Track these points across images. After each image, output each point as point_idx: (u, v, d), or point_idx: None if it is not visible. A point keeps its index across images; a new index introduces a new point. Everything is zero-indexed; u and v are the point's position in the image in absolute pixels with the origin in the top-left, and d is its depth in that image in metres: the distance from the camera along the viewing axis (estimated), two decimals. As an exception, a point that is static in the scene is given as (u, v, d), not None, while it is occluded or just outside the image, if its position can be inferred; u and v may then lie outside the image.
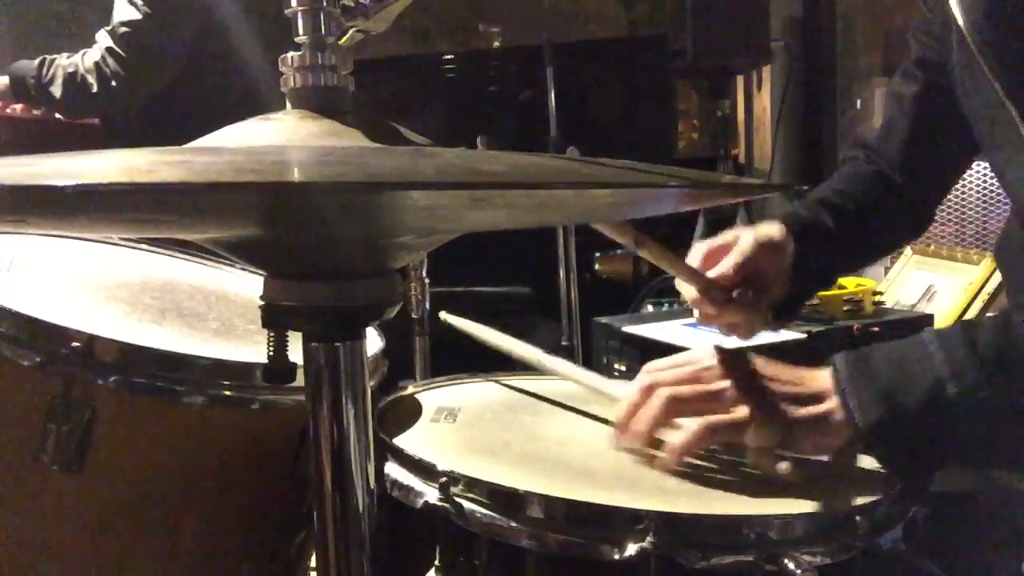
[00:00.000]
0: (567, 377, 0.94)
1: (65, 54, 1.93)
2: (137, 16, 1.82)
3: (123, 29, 1.83)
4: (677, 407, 0.76)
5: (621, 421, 0.79)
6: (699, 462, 0.76)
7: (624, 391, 0.81)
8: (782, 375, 0.78)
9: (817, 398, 0.75)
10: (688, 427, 0.74)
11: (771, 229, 0.99)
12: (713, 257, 0.96)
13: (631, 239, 0.87)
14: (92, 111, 2.01)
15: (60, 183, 0.35)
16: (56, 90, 1.90)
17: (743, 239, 0.97)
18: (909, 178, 1.10)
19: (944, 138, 1.04)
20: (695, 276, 0.93)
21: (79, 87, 1.87)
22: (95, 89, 1.86)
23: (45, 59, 1.93)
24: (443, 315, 1.07)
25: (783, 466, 0.71)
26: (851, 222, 1.07)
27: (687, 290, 0.96)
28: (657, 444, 0.76)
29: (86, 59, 1.87)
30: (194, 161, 0.43)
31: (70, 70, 1.88)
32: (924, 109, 1.06)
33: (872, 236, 1.12)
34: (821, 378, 0.77)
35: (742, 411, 0.74)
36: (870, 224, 1.09)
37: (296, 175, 0.40)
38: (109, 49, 1.84)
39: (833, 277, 1.21)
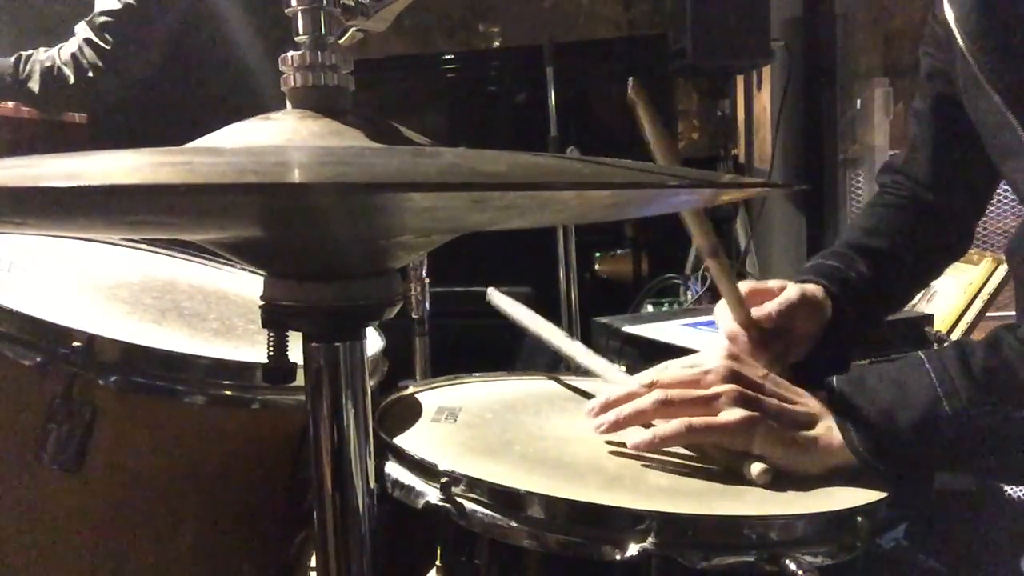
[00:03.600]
0: (583, 365, 0.93)
1: (42, 49, 1.93)
2: (117, 6, 1.82)
3: (102, 19, 1.82)
4: (665, 409, 0.76)
5: (608, 402, 0.79)
6: (699, 464, 0.76)
7: (628, 380, 0.81)
8: (782, 391, 0.78)
9: (814, 418, 0.76)
10: (670, 424, 0.75)
11: (813, 288, 0.97)
12: (753, 297, 0.94)
13: (710, 246, 0.86)
14: (69, 104, 2.00)
15: (61, 184, 0.35)
16: (34, 85, 1.90)
17: (789, 289, 0.95)
18: (940, 195, 1.08)
19: (969, 149, 1.01)
20: (741, 307, 0.91)
21: (56, 80, 1.87)
22: (72, 81, 1.85)
23: (21, 56, 1.93)
24: (491, 292, 1.06)
25: (757, 469, 0.71)
26: (887, 262, 1.05)
27: (724, 320, 0.93)
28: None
29: (62, 52, 1.87)
30: (195, 162, 0.43)
31: (47, 64, 1.88)
32: (942, 122, 1.05)
33: (909, 270, 1.09)
34: (819, 399, 0.78)
35: (727, 416, 0.74)
36: (906, 258, 1.07)
37: (297, 176, 0.40)
38: (87, 40, 1.84)
39: (871, 328, 1.14)
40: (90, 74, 1.84)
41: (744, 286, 0.94)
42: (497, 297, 1.05)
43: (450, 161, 0.47)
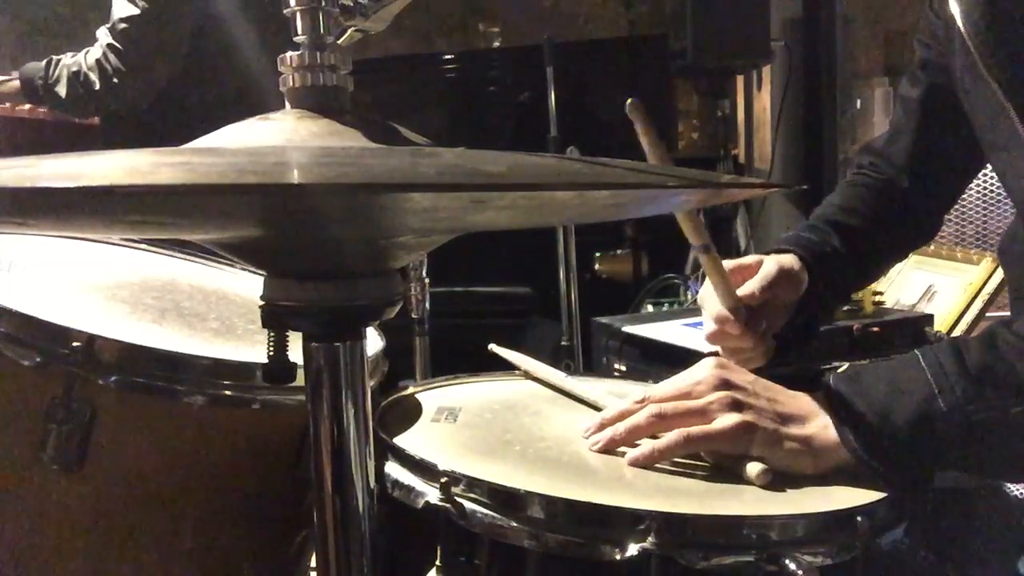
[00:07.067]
0: (584, 400, 0.93)
1: (69, 53, 1.94)
2: (135, 11, 1.83)
3: (122, 25, 1.84)
4: (660, 423, 0.76)
5: (603, 422, 0.80)
6: (698, 464, 0.76)
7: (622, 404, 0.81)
8: (775, 394, 0.78)
9: (809, 418, 0.76)
10: (667, 436, 0.75)
11: (791, 259, 0.99)
12: (735, 276, 0.95)
13: (701, 243, 0.87)
14: (97, 109, 2.02)
15: (61, 184, 0.35)
16: (61, 90, 1.92)
17: (767, 264, 0.97)
18: (915, 182, 1.10)
19: (950, 141, 1.04)
20: (730, 295, 0.92)
21: (83, 86, 1.89)
22: (98, 87, 1.87)
23: (51, 59, 1.95)
24: (492, 347, 1.07)
25: (756, 469, 0.71)
26: (859, 240, 1.07)
27: (711, 305, 0.94)
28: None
29: (88, 57, 1.88)
30: (194, 162, 0.43)
31: (74, 69, 1.90)
32: (929, 112, 1.07)
33: (879, 250, 1.13)
34: (814, 398, 0.78)
35: (722, 423, 0.74)
36: (877, 238, 1.10)
37: (296, 176, 0.40)
38: (110, 45, 1.85)
39: (840, 302, 1.21)
40: (115, 80, 1.85)
41: (724, 266, 0.96)
42: (498, 350, 1.07)
43: (450, 161, 0.47)
